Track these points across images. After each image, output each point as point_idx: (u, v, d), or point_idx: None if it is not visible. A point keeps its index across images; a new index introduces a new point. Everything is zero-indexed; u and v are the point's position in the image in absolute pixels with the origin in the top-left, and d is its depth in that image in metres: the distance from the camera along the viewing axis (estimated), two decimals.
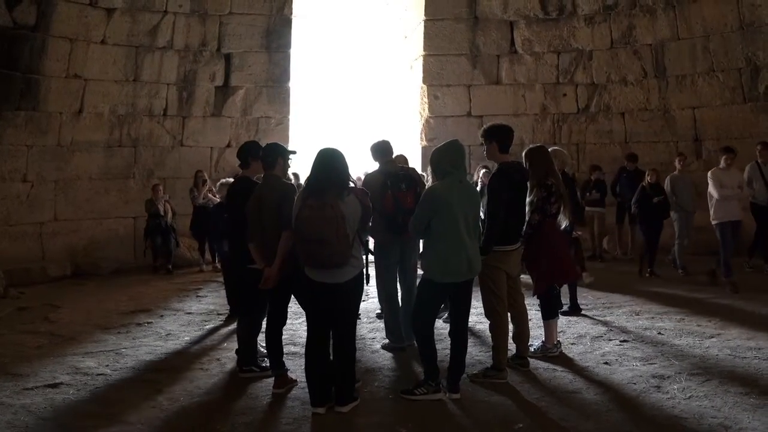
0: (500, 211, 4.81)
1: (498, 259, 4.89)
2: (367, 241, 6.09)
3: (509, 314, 5.09)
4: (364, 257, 4.74)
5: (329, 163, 4.32)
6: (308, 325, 4.48)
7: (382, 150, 6.03)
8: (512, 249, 5.00)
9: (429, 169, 4.86)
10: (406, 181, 5.73)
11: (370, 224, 5.88)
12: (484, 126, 5.23)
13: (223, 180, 7.10)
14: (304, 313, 4.87)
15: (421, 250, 4.99)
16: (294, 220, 4.25)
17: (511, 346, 5.16)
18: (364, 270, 4.55)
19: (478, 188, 8.05)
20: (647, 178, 9.30)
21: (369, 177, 6.09)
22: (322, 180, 4.25)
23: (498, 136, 5.01)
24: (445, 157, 4.62)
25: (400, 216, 5.52)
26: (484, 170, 8.74)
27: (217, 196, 8.71)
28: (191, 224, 10.40)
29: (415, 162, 11.05)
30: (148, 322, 7.05)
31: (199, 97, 11.62)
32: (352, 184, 4.43)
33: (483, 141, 5.10)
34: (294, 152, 5.15)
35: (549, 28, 12.20)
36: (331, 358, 4.42)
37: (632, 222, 10.68)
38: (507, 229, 4.89)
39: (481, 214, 5.64)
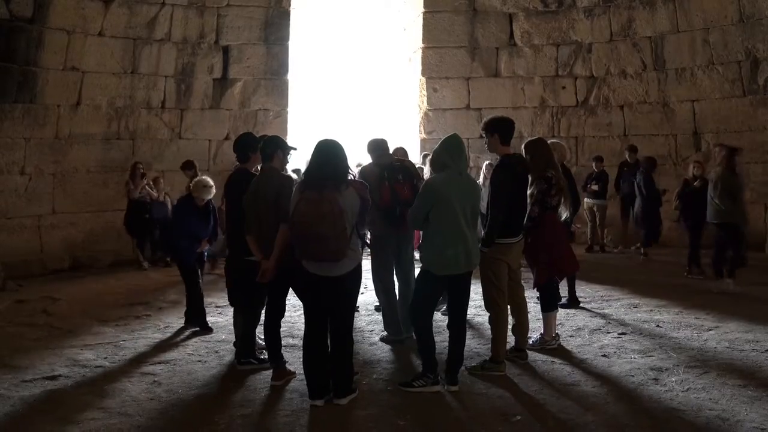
0: (502, 203, 4.80)
1: (500, 251, 4.89)
2: (365, 233, 6.10)
3: (509, 306, 5.09)
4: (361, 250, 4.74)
5: (328, 154, 4.31)
6: (306, 318, 4.48)
7: (376, 146, 6.04)
8: (514, 241, 5.00)
9: (427, 165, 4.85)
10: (403, 172, 5.72)
11: (367, 217, 5.89)
12: (485, 119, 5.22)
13: (198, 179, 6.57)
14: (302, 305, 4.87)
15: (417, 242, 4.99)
16: (291, 214, 4.22)
17: (510, 339, 5.17)
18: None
19: (480, 181, 8.04)
20: (692, 171, 8.87)
21: (365, 169, 6.08)
22: (321, 172, 4.23)
23: (500, 129, 5.00)
24: (443, 150, 4.63)
25: (398, 208, 5.52)
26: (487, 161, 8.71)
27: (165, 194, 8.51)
28: (125, 219, 10.20)
29: (414, 155, 11.03)
30: (146, 315, 7.05)
31: (197, 90, 11.57)
32: (350, 176, 4.42)
33: (484, 134, 5.09)
34: (294, 148, 5.13)
35: (548, 20, 12.16)
36: (329, 350, 4.42)
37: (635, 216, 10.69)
38: (509, 222, 4.89)
39: (482, 207, 5.64)
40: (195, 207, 6.43)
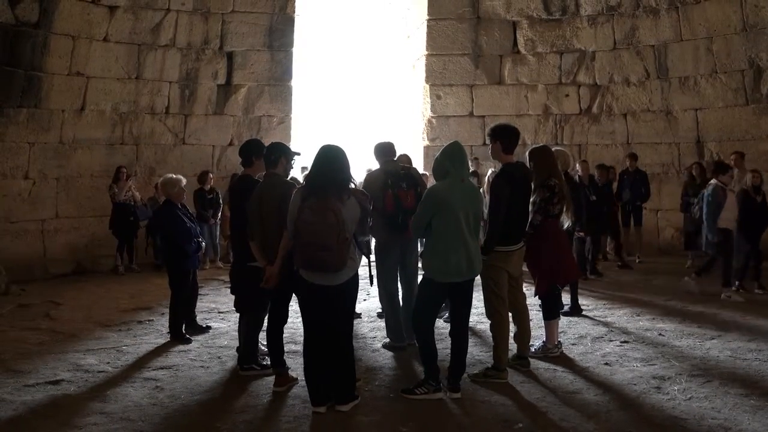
0: (502, 211, 4.81)
1: (500, 258, 4.89)
2: (368, 241, 6.10)
3: (510, 314, 5.09)
4: (365, 258, 4.75)
5: (332, 161, 4.29)
6: (305, 326, 4.47)
7: (383, 150, 6.04)
8: (514, 249, 5.00)
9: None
10: (407, 180, 5.73)
11: (371, 223, 5.90)
12: (492, 124, 5.25)
13: (166, 177, 6.41)
14: (300, 313, 4.85)
15: (421, 249, 4.99)
16: (295, 222, 4.19)
17: (512, 346, 5.16)
18: (368, 270, 4.56)
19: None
20: (748, 181, 8.36)
21: (370, 176, 6.10)
22: (324, 179, 4.22)
23: (502, 136, 5.02)
24: (445, 157, 4.64)
25: (401, 215, 5.53)
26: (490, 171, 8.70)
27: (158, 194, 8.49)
28: (110, 223, 10.21)
29: (418, 162, 11.05)
30: (149, 320, 7.06)
31: (201, 96, 11.63)
32: (352, 185, 4.41)
33: (489, 139, 5.11)
34: (298, 153, 5.15)
35: (552, 28, 12.19)
36: (330, 357, 4.41)
37: (637, 224, 10.69)
38: (509, 229, 4.89)
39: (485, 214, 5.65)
40: (179, 208, 6.33)
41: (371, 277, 4.62)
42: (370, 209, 4.69)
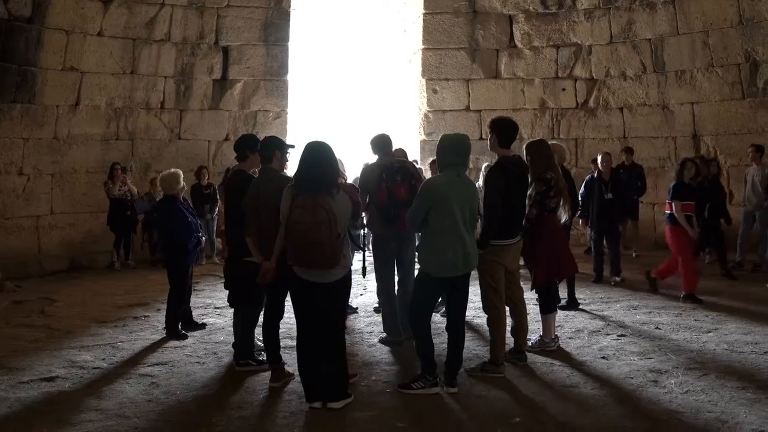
0: (497, 205, 4.79)
1: (496, 253, 4.88)
2: (363, 235, 6.08)
3: (507, 308, 5.08)
4: (360, 252, 4.73)
5: (318, 157, 4.27)
6: (297, 322, 4.45)
7: (380, 143, 6.03)
8: (511, 243, 4.98)
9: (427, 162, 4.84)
10: (401, 173, 5.72)
11: (368, 218, 5.89)
12: (492, 117, 5.25)
13: (170, 173, 6.31)
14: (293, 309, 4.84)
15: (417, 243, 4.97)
16: (285, 221, 4.18)
17: (509, 340, 5.16)
18: (361, 263, 4.53)
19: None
20: None
21: (366, 169, 6.10)
22: (313, 176, 4.20)
23: (497, 130, 5.01)
24: (450, 147, 4.62)
25: (393, 208, 5.52)
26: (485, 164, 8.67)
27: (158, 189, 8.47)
28: (108, 218, 10.24)
29: (414, 156, 11.02)
30: (144, 316, 7.04)
31: (196, 91, 11.57)
32: (341, 180, 4.40)
33: (488, 131, 5.12)
34: (292, 146, 5.13)
35: (548, 22, 12.17)
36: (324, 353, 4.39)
37: (634, 218, 10.64)
38: (505, 224, 4.87)
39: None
40: (181, 203, 6.31)
41: (364, 269, 4.61)
42: (360, 203, 4.67)
